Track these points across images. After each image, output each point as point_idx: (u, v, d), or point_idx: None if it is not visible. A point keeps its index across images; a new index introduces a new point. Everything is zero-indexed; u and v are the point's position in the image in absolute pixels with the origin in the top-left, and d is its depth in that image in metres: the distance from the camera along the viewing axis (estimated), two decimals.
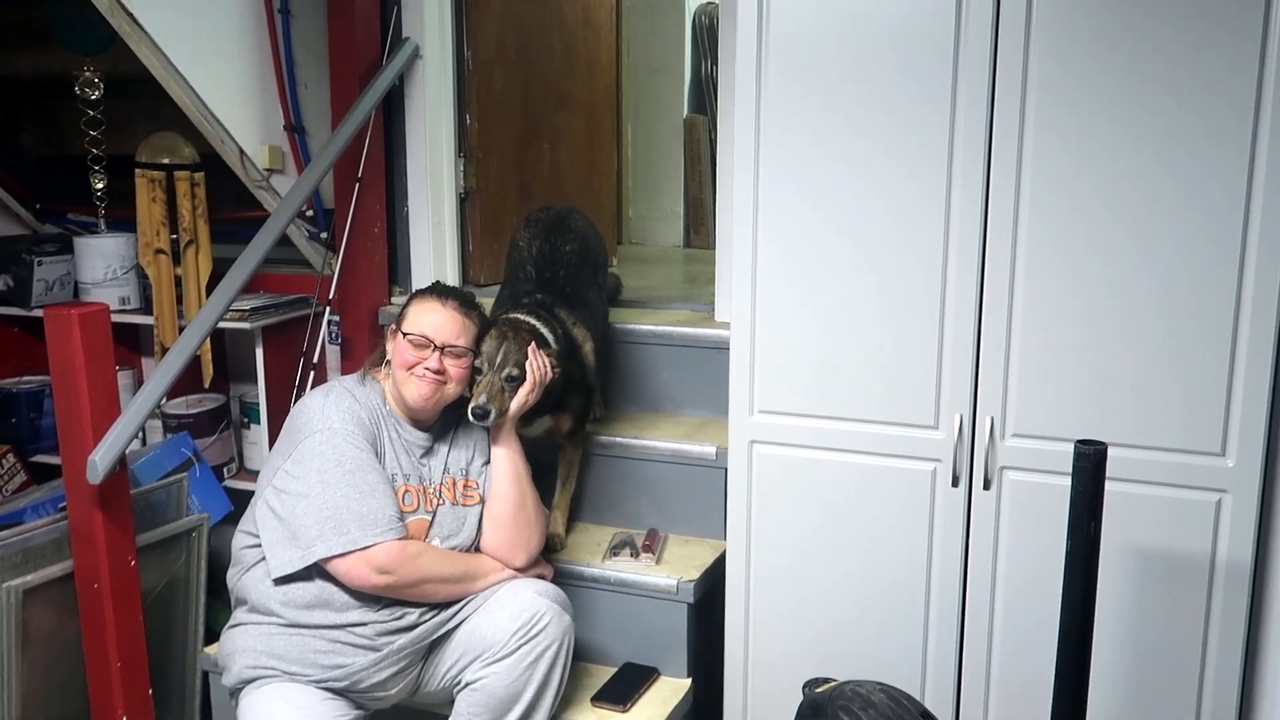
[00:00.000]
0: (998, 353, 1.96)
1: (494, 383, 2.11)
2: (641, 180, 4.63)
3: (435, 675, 2.05)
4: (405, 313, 2.10)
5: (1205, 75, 1.76)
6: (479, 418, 2.09)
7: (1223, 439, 1.85)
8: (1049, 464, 1.94)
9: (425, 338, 2.04)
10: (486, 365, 2.12)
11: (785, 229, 2.06)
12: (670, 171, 4.57)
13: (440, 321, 2.06)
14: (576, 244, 2.55)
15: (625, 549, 2.41)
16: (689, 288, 3.39)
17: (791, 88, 2.02)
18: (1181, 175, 1.81)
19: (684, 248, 4.53)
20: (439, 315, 2.06)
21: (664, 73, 4.57)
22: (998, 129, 1.89)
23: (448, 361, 2.05)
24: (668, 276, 3.79)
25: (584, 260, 2.55)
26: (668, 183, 4.59)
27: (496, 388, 2.11)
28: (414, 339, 2.03)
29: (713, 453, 2.44)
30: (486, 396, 2.09)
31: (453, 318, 2.07)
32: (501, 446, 2.13)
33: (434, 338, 2.04)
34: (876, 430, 2.06)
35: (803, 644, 2.17)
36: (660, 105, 4.58)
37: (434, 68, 3.02)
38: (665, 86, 4.57)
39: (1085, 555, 1.62)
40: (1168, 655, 1.94)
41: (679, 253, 4.45)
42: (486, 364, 2.13)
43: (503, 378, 2.12)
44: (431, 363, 2.04)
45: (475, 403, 2.09)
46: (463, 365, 2.08)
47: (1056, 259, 1.90)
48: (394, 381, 2.07)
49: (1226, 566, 1.88)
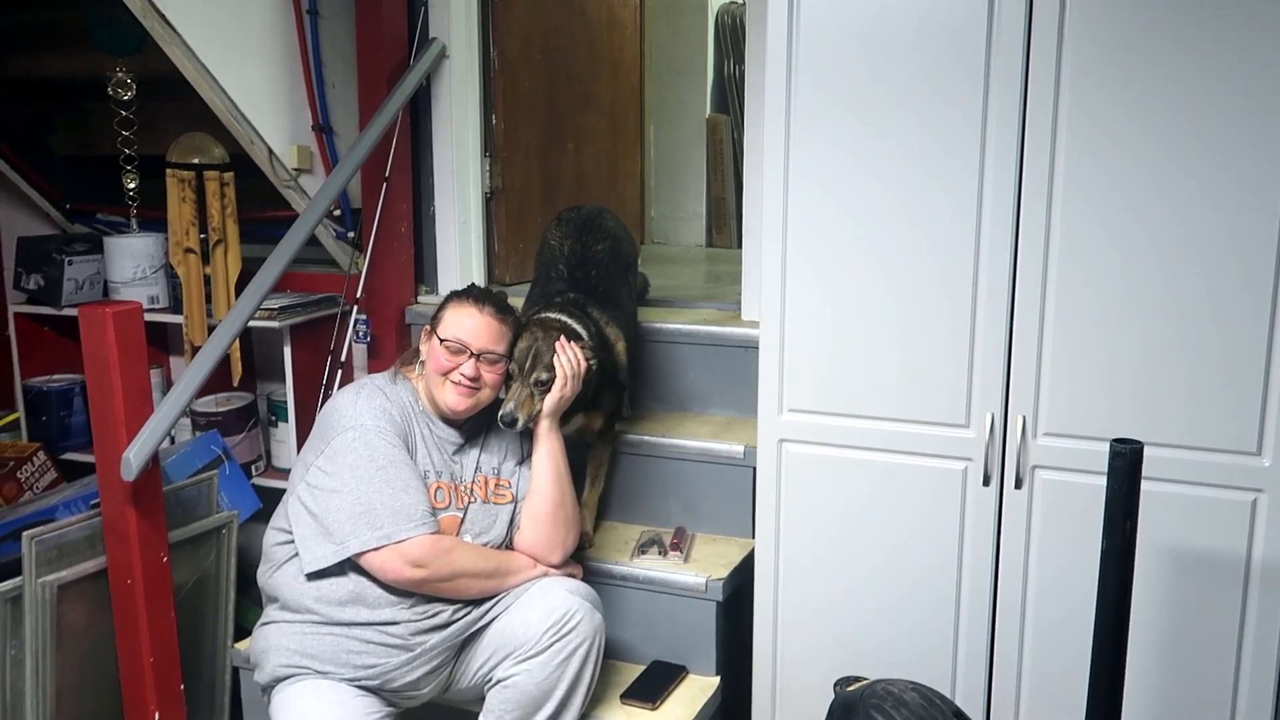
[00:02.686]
0: (1029, 352, 1.95)
1: (522, 390, 2.12)
2: (664, 180, 4.63)
3: (467, 673, 2.06)
4: (441, 316, 2.09)
5: (1243, 83, 1.75)
6: (508, 424, 2.10)
7: (1259, 438, 1.84)
8: (1081, 463, 1.93)
9: (462, 343, 2.04)
10: (517, 370, 2.13)
11: (814, 228, 2.06)
12: (693, 171, 4.57)
13: (477, 328, 2.06)
14: (608, 243, 2.55)
15: (653, 547, 2.42)
16: (713, 287, 3.40)
17: (821, 88, 2.01)
18: (1214, 177, 1.79)
19: (706, 247, 4.54)
20: (476, 321, 2.07)
21: (687, 73, 4.57)
22: (1030, 132, 1.89)
23: (483, 368, 2.06)
24: (691, 276, 3.80)
25: (615, 260, 2.56)
26: (690, 182, 4.59)
27: (525, 394, 2.11)
28: (451, 345, 2.04)
29: (740, 451, 2.44)
30: (515, 404, 2.10)
31: (489, 324, 2.08)
32: (544, 444, 2.13)
33: (471, 344, 2.05)
34: (906, 429, 2.06)
35: (832, 642, 2.17)
36: (683, 105, 4.58)
37: (460, 68, 3.03)
38: (688, 86, 4.57)
39: (1121, 555, 1.61)
40: (1202, 655, 1.93)
41: (701, 252, 4.45)
42: (516, 369, 2.13)
43: (531, 383, 2.12)
44: (468, 369, 2.04)
45: (504, 410, 2.10)
46: (498, 371, 2.09)
47: (1089, 259, 1.89)
48: (428, 383, 2.08)
49: (1262, 566, 1.87)
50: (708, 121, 4.54)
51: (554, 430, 2.15)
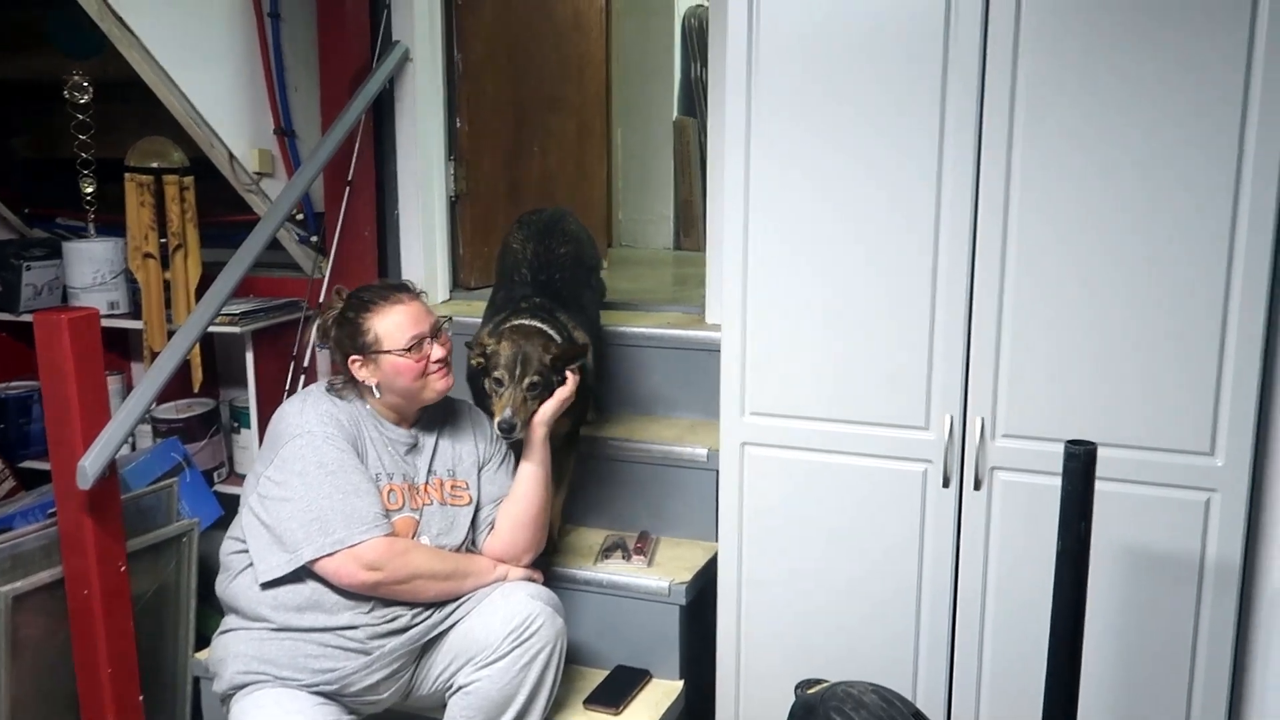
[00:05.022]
0: (987, 355, 1.96)
1: (516, 395, 2.11)
2: (632, 183, 4.63)
3: (427, 678, 2.05)
4: (368, 335, 2.01)
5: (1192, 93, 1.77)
6: (506, 432, 2.10)
7: (1212, 439, 1.86)
8: (1039, 464, 1.95)
9: (419, 336, 2.03)
10: (507, 377, 2.12)
11: (774, 232, 2.07)
12: (660, 174, 4.58)
13: (415, 314, 2.05)
14: (571, 246, 2.55)
15: (617, 551, 2.41)
16: (680, 290, 3.40)
17: (780, 95, 2.02)
18: (1169, 184, 1.81)
19: (674, 250, 4.54)
20: (409, 310, 2.05)
21: (654, 76, 4.58)
22: (986, 142, 1.90)
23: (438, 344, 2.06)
24: (658, 279, 3.80)
25: (578, 263, 2.55)
26: (658, 185, 4.60)
27: (520, 399, 2.11)
28: (411, 345, 2.02)
29: (704, 454, 2.44)
30: (511, 410, 2.09)
31: (416, 305, 2.07)
32: (539, 452, 2.14)
33: (424, 330, 2.04)
34: (867, 431, 2.07)
35: (794, 644, 2.18)
36: (650, 108, 4.59)
37: (424, 71, 3.02)
38: (655, 89, 4.58)
39: (1076, 555, 1.63)
40: (1158, 653, 1.95)
41: (669, 255, 4.46)
42: (507, 375, 2.12)
43: (524, 388, 2.12)
44: (437, 353, 2.05)
45: (501, 417, 2.10)
46: (446, 342, 2.09)
47: (1045, 265, 1.90)
48: (400, 398, 2.06)
49: (1216, 565, 1.89)
50: (675, 124, 4.54)
51: (546, 442, 2.16)
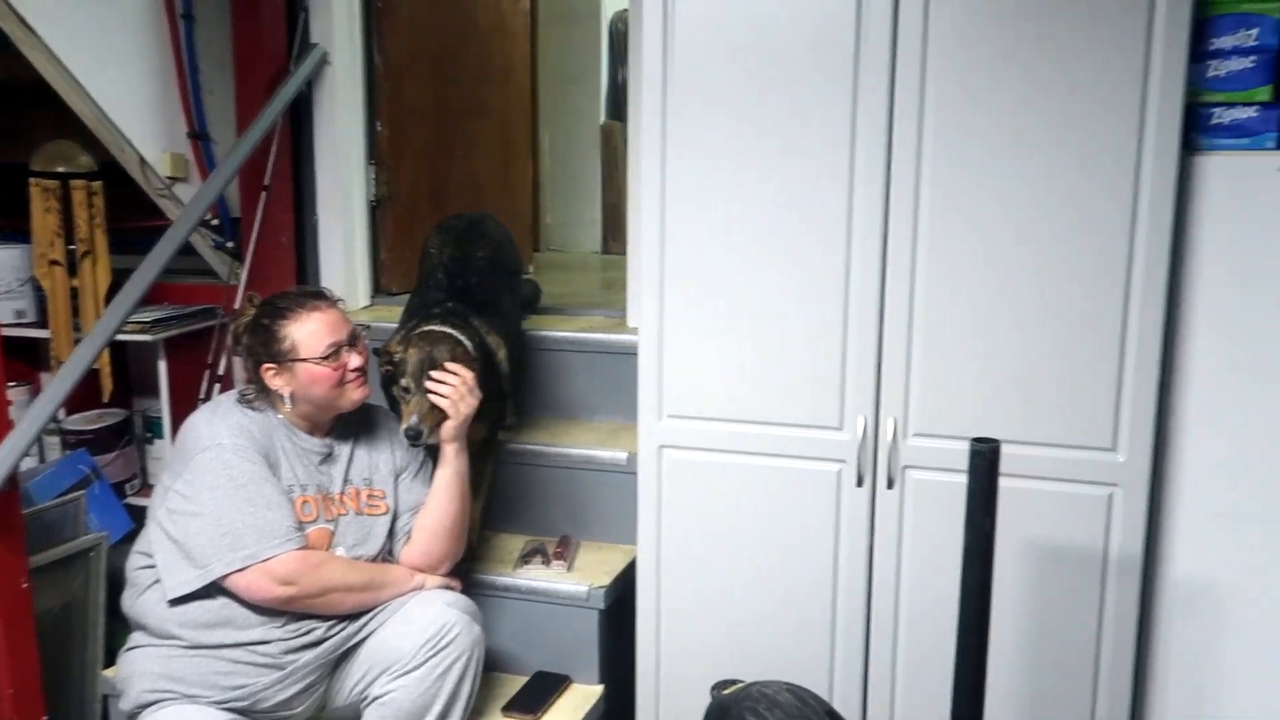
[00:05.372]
0: (899, 356, 1.99)
1: (423, 402, 2.09)
2: (559, 187, 4.63)
3: (342, 690, 2.02)
4: (284, 342, 1.98)
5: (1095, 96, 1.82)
6: (413, 439, 2.07)
7: (1113, 435, 1.91)
8: (949, 462, 1.98)
9: (336, 344, 2.00)
10: (413, 384, 2.10)
11: (690, 235, 2.07)
12: (588, 178, 4.58)
13: (332, 321, 2.02)
14: (489, 250, 2.53)
15: (536, 557, 2.40)
16: (605, 294, 3.40)
17: (695, 99, 2.03)
18: (1072, 187, 1.86)
19: (602, 254, 4.55)
20: (326, 318, 2.02)
21: (581, 80, 4.58)
22: (897, 144, 1.93)
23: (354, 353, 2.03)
24: (585, 283, 3.80)
25: (497, 267, 2.54)
26: (586, 190, 4.60)
27: (426, 406, 2.08)
28: (328, 353, 1.98)
29: (624, 458, 2.44)
30: (418, 417, 2.07)
31: (333, 313, 2.04)
32: (454, 464, 2.11)
33: (342, 338, 2.01)
34: (783, 432, 2.08)
35: (714, 646, 2.18)
36: (578, 113, 4.59)
37: (343, 74, 2.98)
38: (582, 94, 4.58)
39: (981, 550, 1.65)
40: (1064, 645, 1.99)
41: (597, 259, 4.46)
42: (413, 383, 2.10)
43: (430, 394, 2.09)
44: (354, 361, 2.02)
45: (407, 424, 2.07)
46: (363, 351, 2.06)
47: (955, 266, 1.94)
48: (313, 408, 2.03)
49: (1119, 557, 1.93)
50: (602, 129, 4.55)
51: (463, 451, 2.13)
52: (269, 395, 2.02)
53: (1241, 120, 1.85)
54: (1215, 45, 1.84)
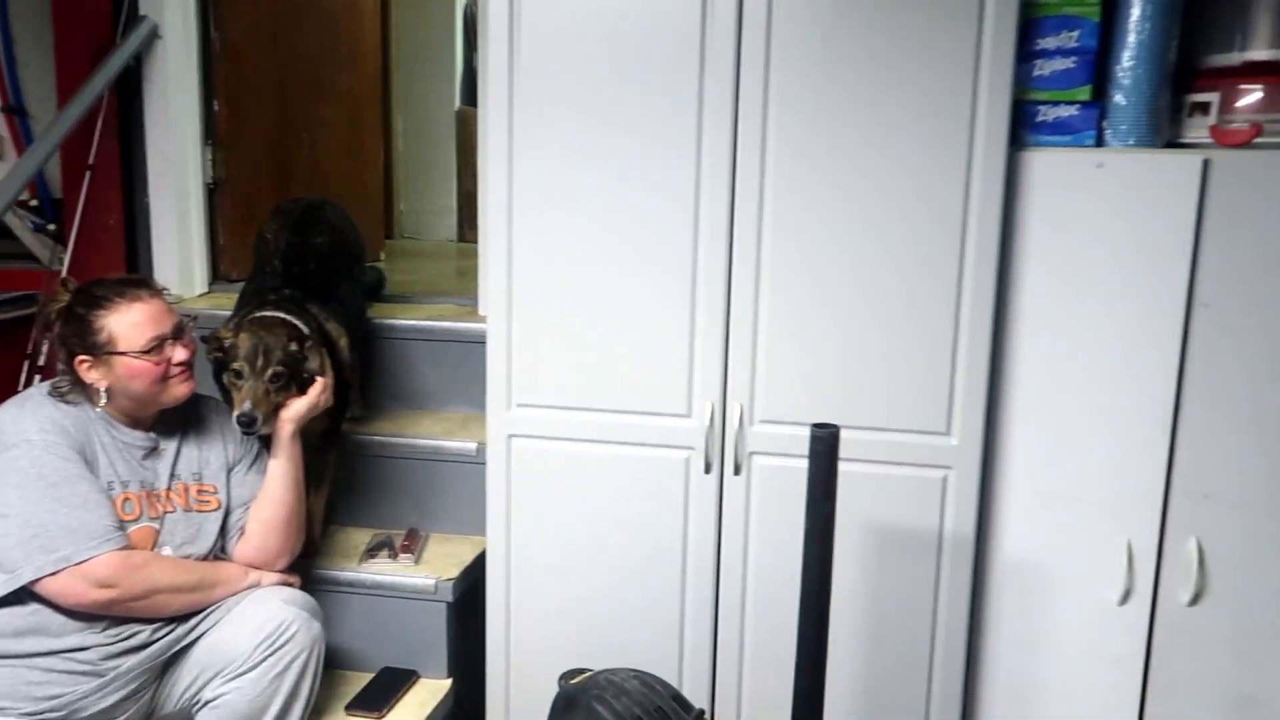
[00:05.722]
0: (745, 343, 2.02)
1: (257, 388, 2.00)
2: (413, 173, 4.53)
3: (171, 696, 1.92)
4: (102, 334, 1.85)
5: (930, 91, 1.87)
6: (246, 426, 1.98)
7: (948, 420, 1.98)
8: (793, 448, 2.01)
9: (160, 338, 1.89)
10: (247, 369, 2.01)
11: (540, 226, 2.05)
12: (443, 164, 4.49)
13: (155, 313, 1.91)
14: (329, 236, 2.45)
15: (383, 550, 2.34)
16: (459, 282, 3.35)
17: (544, 86, 2.00)
18: (910, 181, 1.91)
19: (458, 242, 4.47)
20: (147, 307, 1.90)
21: (434, 64, 4.48)
22: (742, 138, 1.95)
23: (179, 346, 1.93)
24: (438, 271, 3.73)
25: (338, 253, 2.46)
26: (441, 176, 4.51)
27: (261, 392, 2.00)
28: (150, 347, 1.87)
29: (473, 448, 2.40)
30: (251, 403, 1.98)
31: (157, 304, 1.93)
32: (287, 451, 2.04)
33: (165, 331, 1.90)
34: (632, 420, 2.09)
35: (564, 636, 2.17)
36: (432, 97, 4.49)
37: (176, 49, 2.83)
38: (436, 78, 4.49)
39: (822, 534, 1.69)
40: (902, 622, 2.05)
41: (452, 247, 4.38)
42: (247, 367, 2.01)
43: (266, 380, 2.01)
44: (180, 355, 1.92)
45: (240, 410, 1.98)
46: (189, 344, 1.96)
47: (798, 256, 1.97)
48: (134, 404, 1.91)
49: (952, 538, 2.01)
50: (458, 114, 4.47)
51: (296, 439, 2.05)
52: (84, 388, 1.90)
53: (1064, 118, 1.94)
54: (1040, 45, 1.93)
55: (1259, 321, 1.89)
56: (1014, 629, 2.07)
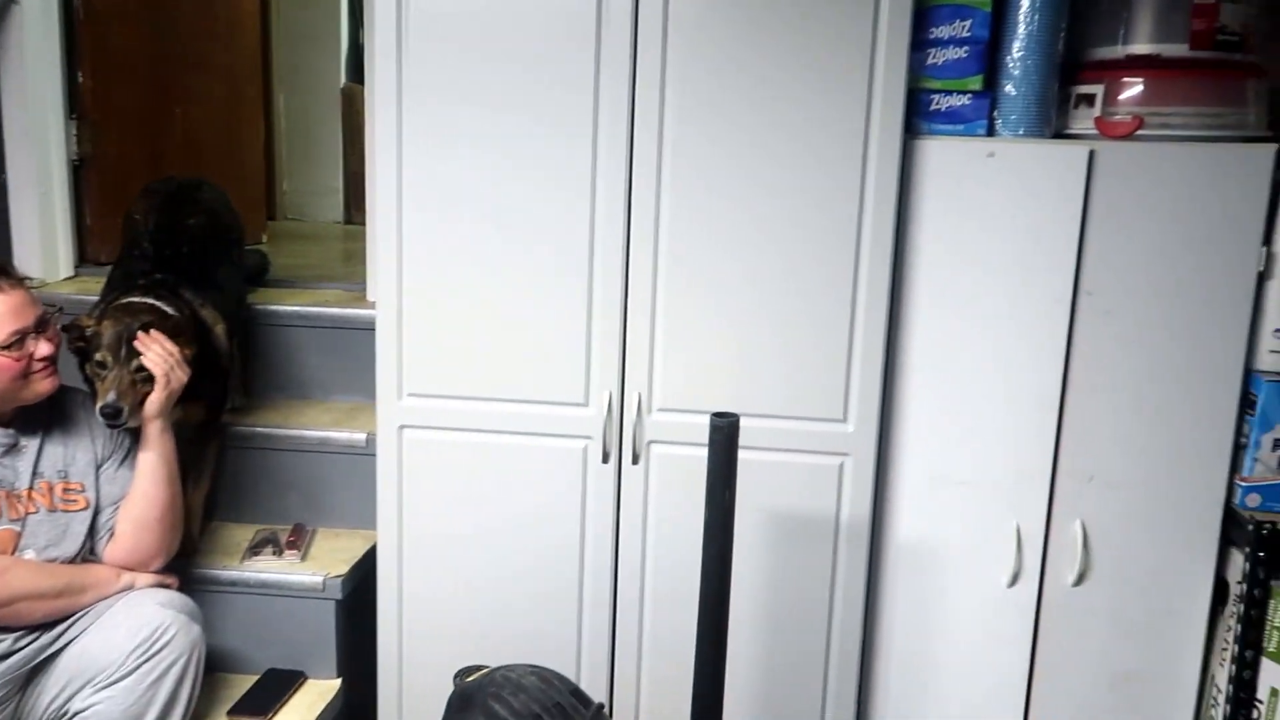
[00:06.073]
0: (643, 331, 1.99)
1: (122, 377, 1.89)
2: (297, 152, 4.36)
3: (36, 708, 1.80)
4: None
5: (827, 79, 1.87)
6: (110, 418, 1.87)
7: (844, 407, 1.99)
8: (692, 436, 1.99)
9: (21, 331, 1.77)
10: (110, 358, 1.90)
11: (431, 210, 1.99)
12: (329, 144, 4.34)
13: (14, 305, 1.79)
14: (203, 218, 2.33)
15: (268, 547, 2.25)
16: (346, 266, 3.24)
17: (434, 66, 1.94)
18: (806, 168, 1.90)
19: (344, 224, 4.33)
20: (7, 300, 1.79)
21: (319, 39, 4.33)
22: (639, 117, 1.91)
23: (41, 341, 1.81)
24: (324, 254, 3.61)
25: (213, 235, 2.34)
26: (326, 156, 4.36)
27: (126, 382, 1.89)
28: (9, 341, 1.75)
29: (363, 439, 2.32)
30: (115, 393, 1.87)
31: (20, 295, 1.81)
32: (156, 446, 1.92)
33: (26, 325, 1.78)
34: (528, 410, 2.04)
35: (459, 632, 2.12)
36: (315, 73, 4.33)
37: (35, 17, 2.66)
38: (321, 54, 4.33)
39: (721, 523, 1.68)
40: (800, 608, 2.06)
41: (338, 229, 4.24)
42: (110, 356, 1.90)
43: (132, 370, 1.90)
44: (42, 349, 1.81)
45: (104, 401, 1.87)
46: (53, 336, 1.85)
47: (696, 244, 1.95)
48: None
49: (849, 523, 2.02)
50: (343, 91, 4.32)
51: (167, 430, 1.94)
52: None
53: (957, 107, 1.96)
54: (934, 34, 1.94)
55: (1139, 309, 1.95)
56: (908, 612, 2.10)
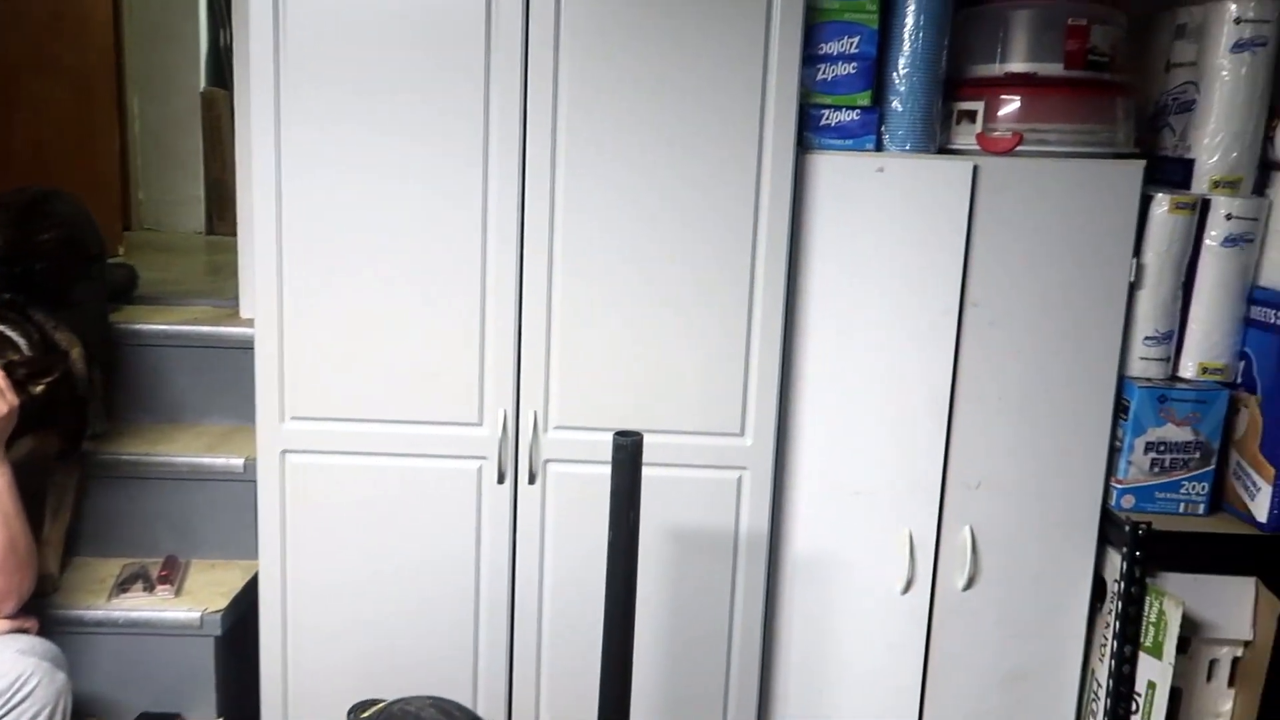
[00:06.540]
0: (539, 348, 1.95)
1: None
2: (154, 160, 4.14)
3: None
4: None
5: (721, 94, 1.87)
6: None
7: (742, 421, 1.99)
8: (590, 454, 1.96)
9: None
10: None
11: (313, 223, 1.90)
12: (188, 150, 4.13)
13: None
14: (59, 232, 2.18)
15: (137, 582, 2.11)
16: (213, 281, 3.08)
17: (316, 70, 1.86)
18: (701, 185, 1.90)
19: (207, 235, 4.13)
20: None
21: (176, 41, 4.11)
22: (532, 130, 1.88)
23: None
24: (188, 268, 3.43)
25: (70, 251, 2.20)
26: (186, 163, 4.14)
27: None
28: None
29: (240, 465, 2.20)
30: None
31: None
32: None
33: None
34: (420, 431, 1.97)
35: (351, 665, 2.03)
36: (173, 77, 4.12)
37: None
38: (178, 56, 4.12)
39: (626, 543, 1.65)
40: (702, 621, 2.05)
41: (201, 241, 4.04)
42: None
43: None
44: None
45: None
46: None
47: (592, 258, 1.92)
48: None
49: (747, 536, 2.03)
50: (203, 95, 4.12)
51: (4, 463, 1.79)
52: None
53: (846, 123, 1.98)
54: (824, 50, 1.96)
55: (1021, 319, 2.01)
56: (806, 621, 2.12)
